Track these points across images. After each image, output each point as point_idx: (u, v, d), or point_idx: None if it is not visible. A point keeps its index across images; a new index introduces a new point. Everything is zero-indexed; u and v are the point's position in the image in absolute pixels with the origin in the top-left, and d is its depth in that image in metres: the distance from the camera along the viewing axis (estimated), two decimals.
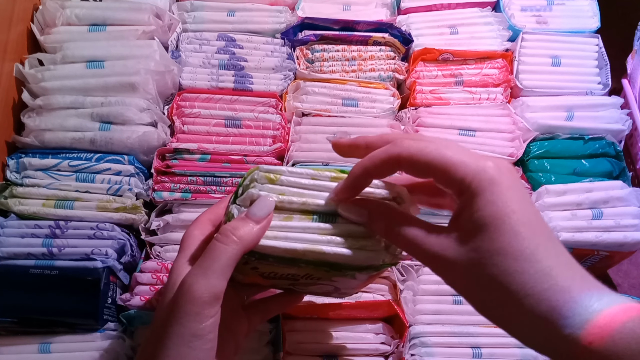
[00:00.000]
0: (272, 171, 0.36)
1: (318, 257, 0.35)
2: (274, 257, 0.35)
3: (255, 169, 0.36)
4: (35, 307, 0.54)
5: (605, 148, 0.66)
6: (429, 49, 0.69)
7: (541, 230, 0.28)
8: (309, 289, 0.45)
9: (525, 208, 0.29)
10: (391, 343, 0.56)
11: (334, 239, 0.35)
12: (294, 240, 0.35)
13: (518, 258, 0.27)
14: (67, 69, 0.63)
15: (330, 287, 0.42)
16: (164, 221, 0.59)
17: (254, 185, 0.36)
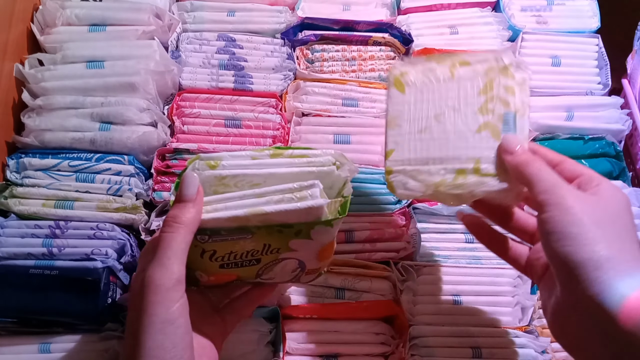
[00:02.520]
0: (212, 158, 0.38)
1: (263, 220, 0.37)
2: (224, 229, 0.37)
3: (196, 157, 0.38)
4: (35, 307, 0.54)
5: (605, 148, 0.66)
6: (429, 49, 0.69)
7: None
8: (276, 275, 0.45)
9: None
10: (391, 343, 0.56)
11: (271, 198, 0.37)
12: (234, 208, 0.37)
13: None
14: (67, 69, 0.63)
15: (294, 262, 0.43)
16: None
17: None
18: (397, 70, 0.45)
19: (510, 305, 0.58)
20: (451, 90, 0.43)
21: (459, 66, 0.43)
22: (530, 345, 0.55)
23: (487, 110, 0.41)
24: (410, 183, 0.44)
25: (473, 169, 0.41)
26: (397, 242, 0.59)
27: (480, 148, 0.41)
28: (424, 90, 0.44)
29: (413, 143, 0.44)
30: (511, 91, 0.41)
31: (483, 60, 0.43)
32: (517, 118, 0.41)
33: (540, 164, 0.38)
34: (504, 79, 0.42)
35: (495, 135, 0.41)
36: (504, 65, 0.42)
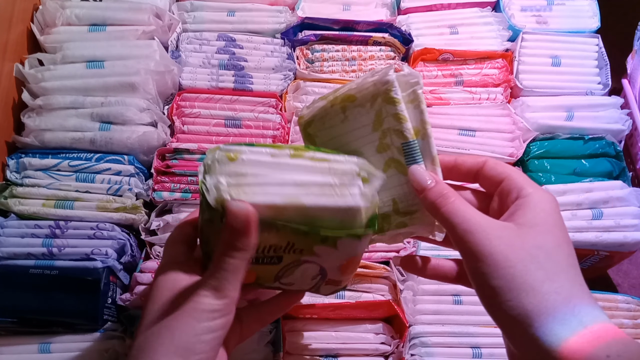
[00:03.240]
0: (231, 150, 0.36)
1: (297, 213, 0.35)
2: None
3: (217, 148, 0.36)
4: (35, 307, 0.54)
5: (605, 148, 0.66)
6: (429, 49, 0.69)
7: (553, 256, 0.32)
8: (295, 280, 0.43)
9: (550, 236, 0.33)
10: (391, 343, 0.56)
11: (311, 190, 0.35)
12: (272, 194, 0.35)
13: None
14: (67, 69, 0.63)
15: (316, 267, 0.41)
16: (164, 221, 0.59)
17: (214, 167, 0.35)
18: (303, 119, 0.42)
19: None
20: (348, 133, 0.40)
21: (347, 102, 0.39)
22: None
23: (385, 147, 0.38)
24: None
25: (393, 210, 0.39)
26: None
27: (394, 187, 0.39)
28: (327, 138, 0.41)
29: None
30: (401, 118, 0.37)
31: (365, 90, 0.38)
32: (420, 142, 0.38)
33: (452, 200, 0.34)
34: (389, 107, 0.37)
35: (402, 171, 0.38)
36: (384, 90, 0.37)
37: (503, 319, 0.31)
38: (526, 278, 0.30)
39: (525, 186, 0.34)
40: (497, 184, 0.36)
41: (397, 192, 0.39)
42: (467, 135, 0.65)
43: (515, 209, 0.34)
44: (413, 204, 0.38)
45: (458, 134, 0.65)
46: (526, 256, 0.31)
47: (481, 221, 0.33)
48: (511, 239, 0.32)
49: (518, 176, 0.35)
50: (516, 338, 0.31)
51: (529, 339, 0.30)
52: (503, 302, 0.31)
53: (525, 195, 0.34)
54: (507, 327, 0.32)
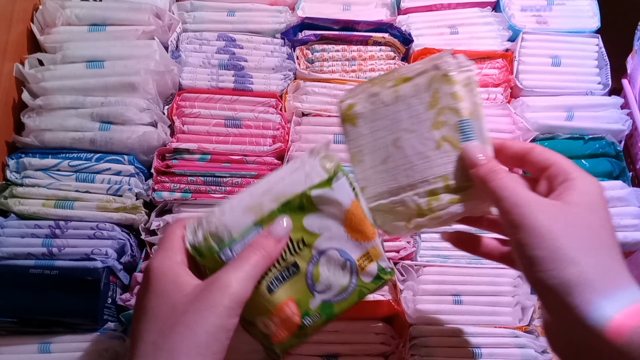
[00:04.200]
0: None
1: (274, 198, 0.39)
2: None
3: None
4: (35, 307, 0.54)
5: (605, 148, 0.66)
6: (429, 49, 0.69)
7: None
8: (329, 281, 0.42)
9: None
10: (391, 343, 0.56)
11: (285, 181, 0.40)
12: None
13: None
14: (67, 69, 0.63)
15: (335, 252, 0.41)
16: (164, 221, 0.59)
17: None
18: (344, 103, 0.43)
19: (510, 305, 0.58)
20: (401, 111, 0.41)
21: (401, 84, 0.41)
22: (530, 345, 0.55)
23: (440, 124, 0.40)
24: (392, 220, 0.42)
25: (443, 187, 0.40)
26: (397, 242, 0.59)
27: (445, 164, 0.40)
28: (375, 118, 0.42)
29: (380, 175, 0.42)
30: (458, 97, 0.39)
31: (422, 71, 0.41)
32: (473, 122, 0.39)
33: (502, 176, 0.36)
34: (447, 87, 0.40)
35: (456, 147, 0.39)
36: (443, 72, 0.40)
37: (542, 288, 0.33)
38: (568, 250, 0.32)
39: (572, 170, 0.36)
40: (543, 169, 0.38)
41: (449, 169, 0.40)
42: None
43: (562, 190, 0.35)
44: (466, 180, 0.39)
45: None
46: (570, 231, 0.33)
47: (529, 196, 0.35)
48: (556, 214, 0.34)
49: (566, 162, 0.37)
50: (553, 306, 0.33)
51: (566, 308, 0.31)
52: (544, 271, 0.32)
53: (573, 178, 0.36)
54: (545, 296, 0.33)
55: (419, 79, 0.41)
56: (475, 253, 0.44)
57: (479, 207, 0.40)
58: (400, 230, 0.42)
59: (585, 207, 0.34)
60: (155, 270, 0.36)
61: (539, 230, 0.33)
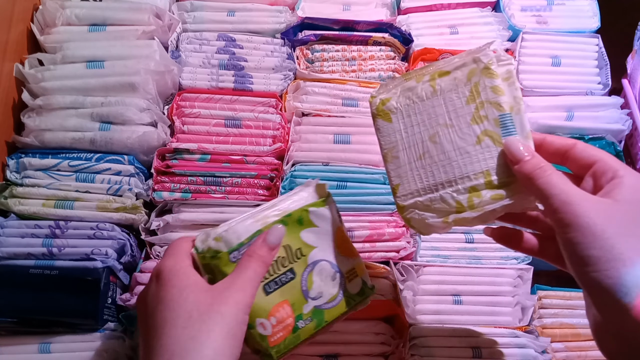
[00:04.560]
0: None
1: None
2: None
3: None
4: (35, 307, 0.54)
5: (605, 148, 0.66)
6: (429, 49, 0.69)
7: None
8: (321, 289, 0.46)
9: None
10: (391, 343, 0.56)
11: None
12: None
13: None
14: (67, 69, 0.63)
15: (326, 264, 0.46)
16: (164, 221, 0.59)
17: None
18: (377, 99, 0.43)
19: (510, 305, 0.58)
20: (438, 106, 0.41)
21: (438, 78, 0.41)
22: (530, 345, 0.55)
23: (480, 118, 0.39)
24: (428, 218, 0.41)
25: (485, 183, 0.39)
26: (397, 242, 0.59)
27: (485, 159, 0.39)
28: (410, 113, 0.42)
29: (416, 172, 0.41)
30: (499, 91, 0.39)
31: (461, 65, 0.40)
32: (514, 116, 0.39)
33: (549, 173, 0.35)
34: (488, 80, 0.39)
35: (497, 142, 0.39)
36: (484, 65, 0.39)
37: (596, 287, 0.32)
38: (624, 250, 0.31)
39: (620, 168, 0.35)
40: (587, 166, 0.37)
41: (490, 164, 0.39)
42: None
43: (611, 187, 0.34)
44: (508, 176, 0.39)
45: None
46: (623, 230, 0.32)
47: (579, 193, 0.34)
48: (608, 212, 0.33)
49: (612, 159, 0.36)
50: (607, 306, 0.32)
51: (622, 309, 0.31)
52: (599, 271, 0.31)
53: (622, 175, 0.35)
54: (598, 295, 0.32)
55: (457, 73, 0.40)
56: (518, 249, 0.43)
57: (521, 203, 0.39)
58: (437, 229, 0.42)
59: (637, 205, 0.33)
60: (172, 268, 0.39)
61: (593, 228, 0.32)
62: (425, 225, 0.42)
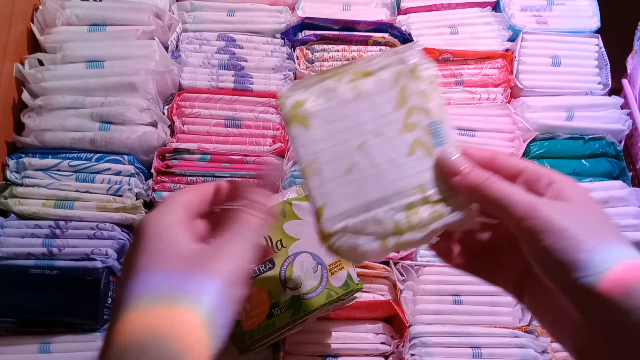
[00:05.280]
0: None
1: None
2: None
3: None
4: (35, 307, 0.54)
5: (605, 148, 0.66)
6: (429, 49, 0.69)
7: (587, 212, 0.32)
8: (300, 280, 0.47)
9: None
10: (391, 343, 0.56)
11: None
12: None
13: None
14: (67, 69, 0.63)
15: (308, 256, 0.47)
16: None
17: None
18: (291, 99, 0.35)
19: (510, 305, 0.58)
20: (364, 110, 0.35)
21: (361, 79, 0.36)
22: (530, 345, 0.55)
23: (411, 126, 0.35)
24: (362, 244, 0.35)
25: (422, 199, 0.35)
26: None
27: (420, 172, 0.35)
28: (334, 118, 0.35)
29: (345, 189, 0.35)
30: (427, 96, 0.35)
31: (386, 65, 0.36)
32: (443, 126, 0.35)
33: (499, 182, 0.33)
34: (415, 84, 0.35)
35: (430, 153, 0.35)
36: (411, 66, 0.35)
37: (588, 292, 0.29)
38: (607, 247, 0.30)
39: (553, 173, 0.34)
40: (513, 175, 0.35)
41: (426, 178, 0.35)
42: (467, 135, 0.65)
43: (556, 192, 0.33)
44: (446, 190, 0.35)
45: (458, 134, 0.65)
46: (594, 228, 0.31)
47: (539, 199, 0.32)
48: (574, 213, 0.31)
49: (539, 166, 0.35)
50: (600, 310, 0.29)
51: (617, 308, 0.28)
52: (592, 275, 0.29)
53: (559, 180, 0.34)
54: (589, 300, 0.29)
55: (382, 74, 0.36)
56: (450, 264, 0.40)
57: (463, 220, 0.36)
58: (374, 254, 0.36)
59: (590, 204, 0.32)
60: (148, 229, 0.31)
61: (571, 231, 0.30)
62: (358, 253, 0.35)
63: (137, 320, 0.27)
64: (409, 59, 0.36)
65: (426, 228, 0.35)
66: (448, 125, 0.36)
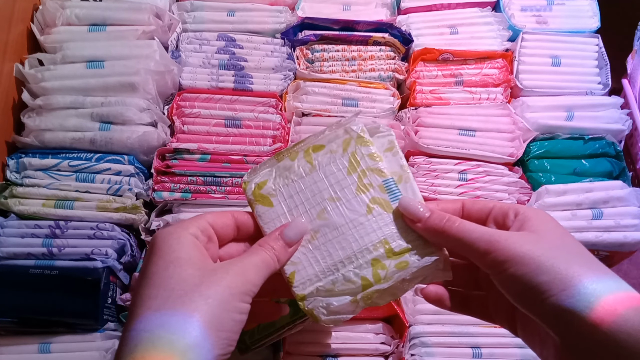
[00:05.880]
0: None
1: None
2: None
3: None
4: (35, 307, 0.54)
5: (605, 148, 0.66)
6: (429, 49, 0.69)
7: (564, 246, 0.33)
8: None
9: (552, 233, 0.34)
10: (391, 343, 0.56)
11: None
12: None
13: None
14: (67, 69, 0.63)
15: None
16: (164, 221, 0.59)
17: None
18: (252, 184, 0.40)
19: None
20: (320, 181, 0.39)
21: (314, 153, 0.40)
22: None
23: (365, 187, 0.38)
24: (333, 303, 0.37)
25: (385, 252, 0.37)
26: None
27: (380, 228, 0.38)
28: (292, 193, 0.39)
29: (311, 255, 0.38)
30: (377, 157, 0.39)
31: (334, 137, 0.40)
32: (400, 183, 0.39)
33: (459, 222, 0.35)
34: (364, 149, 0.39)
35: (388, 208, 0.38)
36: (357, 134, 0.39)
37: (555, 311, 0.30)
38: (568, 269, 0.31)
39: (518, 206, 0.36)
40: (484, 217, 0.37)
41: (387, 232, 0.38)
42: (467, 135, 0.65)
43: (520, 223, 0.35)
44: (408, 240, 0.38)
45: (458, 134, 0.65)
46: (556, 252, 0.32)
47: (498, 231, 0.34)
48: (534, 241, 0.33)
49: (504, 203, 0.37)
50: (571, 326, 0.30)
51: (587, 322, 0.29)
52: (555, 294, 0.30)
53: (524, 211, 0.35)
54: (560, 319, 0.30)
55: (332, 145, 0.40)
56: (448, 309, 0.41)
57: (427, 269, 0.37)
58: (347, 311, 0.38)
59: (555, 232, 0.34)
60: (166, 238, 0.34)
61: (531, 256, 0.31)
62: (331, 311, 0.38)
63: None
64: (353, 128, 0.40)
65: (392, 278, 0.37)
66: (412, 184, 0.39)
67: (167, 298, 0.31)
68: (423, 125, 0.65)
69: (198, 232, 0.35)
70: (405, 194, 0.38)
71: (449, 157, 0.64)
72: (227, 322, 0.31)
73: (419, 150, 0.65)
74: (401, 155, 0.40)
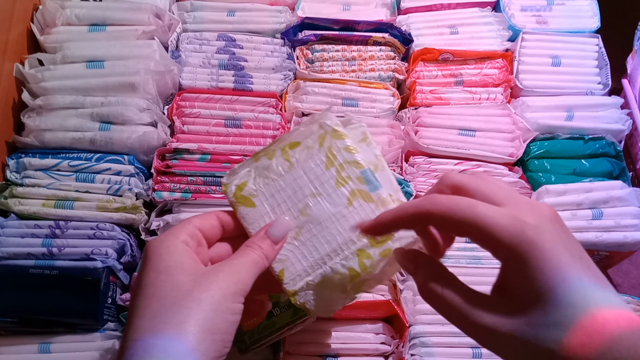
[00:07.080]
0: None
1: None
2: None
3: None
4: (35, 307, 0.54)
5: (605, 148, 0.66)
6: (429, 49, 0.69)
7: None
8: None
9: (574, 266, 0.28)
10: (391, 343, 0.56)
11: None
12: None
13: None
14: (67, 69, 0.63)
15: None
16: (164, 221, 0.59)
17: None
18: (232, 186, 0.40)
19: None
20: (299, 178, 0.39)
21: (290, 150, 0.40)
22: None
23: (344, 180, 0.39)
24: (324, 295, 0.39)
25: (369, 242, 0.38)
26: None
27: (362, 219, 0.38)
28: (273, 192, 0.40)
29: (298, 251, 0.39)
30: (353, 150, 0.39)
31: (309, 133, 0.40)
32: (377, 172, 0.39)
33: (468, 200, 0.30)
34: (340, 142, 0.40)
35: (368, 199, 0.39)
36: (331, 128, 0.40)
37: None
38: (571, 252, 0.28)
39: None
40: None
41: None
42: (467, 135, 0.65)
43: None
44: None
45: (458, 134, 0.65)
46: (562, 234, 0.29)
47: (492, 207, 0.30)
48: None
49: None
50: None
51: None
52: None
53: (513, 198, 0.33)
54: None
55: (308, 141, 0.40)
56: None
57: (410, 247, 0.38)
58: (338, 303, 0.40)
59: (552, 212, 0.31)
60: (157, 248, 0.35)
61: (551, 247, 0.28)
62: (322, 303, 0.39)
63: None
64: (327, 122, 0.40)
65: (377, 266, 0.38)
66: (387, 173, 0.40)
67: (160, 307, 0.32)
68: (423, 125, 0.65)
69: (188, 238, 0.36)
70: (382, 182, 0.39)
71: (449, 157, 0.64)
72: (221, 324, 0.32)
73: (419, 150, 0.65)
74: (374, 145, 0.41)
